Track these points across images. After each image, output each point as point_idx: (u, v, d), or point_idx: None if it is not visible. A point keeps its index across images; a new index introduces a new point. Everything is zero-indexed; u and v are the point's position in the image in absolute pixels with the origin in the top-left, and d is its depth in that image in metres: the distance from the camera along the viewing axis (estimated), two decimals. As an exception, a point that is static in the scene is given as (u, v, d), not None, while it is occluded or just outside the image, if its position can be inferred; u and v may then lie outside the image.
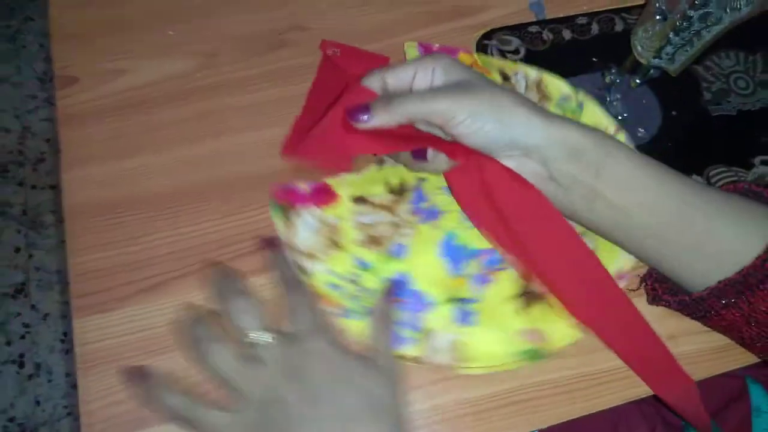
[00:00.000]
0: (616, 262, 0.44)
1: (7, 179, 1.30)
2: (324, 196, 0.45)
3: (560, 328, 0.42)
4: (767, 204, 0.39)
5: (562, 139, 0.38)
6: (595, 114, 0.48)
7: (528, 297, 0.43)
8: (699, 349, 0.44)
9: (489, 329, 0.41)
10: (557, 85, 0.49)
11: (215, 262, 0.43)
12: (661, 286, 0.42)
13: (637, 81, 0.49)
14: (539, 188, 0.40)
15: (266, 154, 0.47)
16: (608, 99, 0.52)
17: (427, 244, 0.44)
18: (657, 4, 0.42)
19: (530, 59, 0.53)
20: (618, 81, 0.51)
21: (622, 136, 0.47)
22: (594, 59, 0.54)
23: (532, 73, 0.49)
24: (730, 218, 0.38)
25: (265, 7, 0.54)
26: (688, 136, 0.51)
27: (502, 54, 0.52)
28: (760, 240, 0.36)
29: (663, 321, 0.43)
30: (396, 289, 0.42)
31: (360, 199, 0.45)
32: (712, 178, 0.49)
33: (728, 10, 0.39)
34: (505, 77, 0.50)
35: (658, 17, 0.43)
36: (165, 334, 0.41)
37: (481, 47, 0.53)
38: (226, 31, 0.52)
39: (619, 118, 0.51)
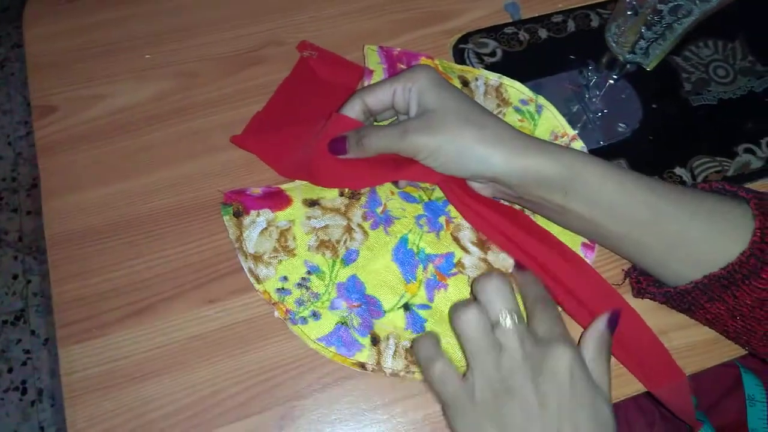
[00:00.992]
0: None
1: (1, 206, 1.31)
2: (277, 199, 0.45)
3: None
4: (741, 202, 0.39)
5: (524, 170, 0.39)
6: (552, 119, 0.48)
7: None
8: (690, 343, 0.43)
9: (441, 335, 0.41)
10: (517, 90, 0.49)
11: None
12: (645, 278, 0.42)
13: (615, 77, 0.48)
14: (510, 204, 0.44)
15: (249, 171, 0.47)
16: (587, 95, 0.51)
17: (380, 250, 0.44)
18: (628, 0, 0.42)
19: (507, 60, 0.52)
20: (596, 77, 0.51)
21: (578, 144, 0.47)
22: (572, 57, 0.54)
23: (492, 78, 0.50)
24: (703, 220, 0.38)
25: (241, 25, 0.54)
26: (670, 128, 0.51)
27: (479, 57, 0.52)
28: (734, 240, 0.37)
29: (653, 315, 0.43)
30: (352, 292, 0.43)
31: (313, 203, 0.45)
32: (695, 169, 0.49)
33: (698, 2, 0.38)
34: (465, 83, 0.50)
35: (629, 13, 0.42)
36: (152, 358, 0.41)
37: (458, 51, 0.53)
38: (203, 50, 0.52)
39: (600, 114, 0.51)
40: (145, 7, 0.54)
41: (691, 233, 0.38)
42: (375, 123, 0.46)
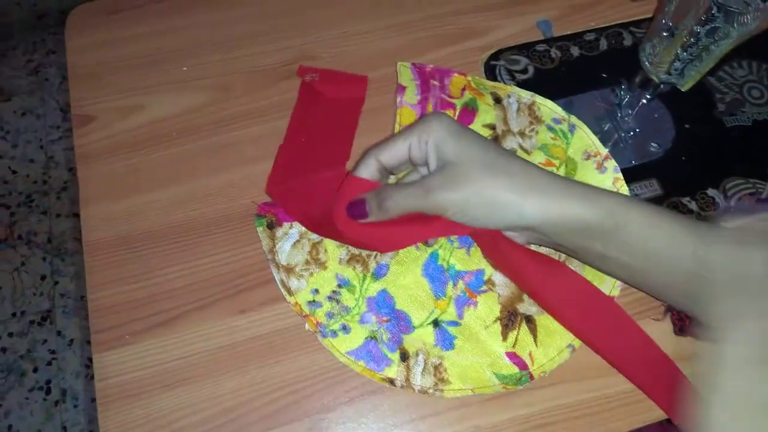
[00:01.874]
0: (604, 287, 0.43)
1: (32, 208, 1.33)
2: None
3: (545, 352, 0.42)
4: None
5: (561, 218, 0.36)
6: (585, 138, 0.48)
7: (510, 320, 0.42)
8: (722, 368, 0.43)
9: (470, 353, 0.41)
10: (549, 108, 0.49)
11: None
12: (688, 317, 0.41)
13: (648, 96, 0.48)
14: (547, 251, 0.42)
15: (279, 183, 0.48)
16: (619, 114, 0.51)
17: (410, 265, 0.44)
18: (663, 21, 0.42)
19: (539, 78, 0.53)
20: (628, 96, 0.50)
21: (611, 164, 0.47)
22: (604, 75, 0.53)
23: (525, 96, 0.50)
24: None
25: (274, 39, 0.54)
26: (703, 148, 0.51)
27: (511, 74, 0.53)
28: None
29: (681, 340, 0.43)
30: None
31: None
32: (729, 190, 0.49)
33: (735, 25, 0.38)
34: (498, 99, 0.50)
35: (665, 33, 0.42)
36: (182, 366, 0.42)
37: (489, 68, 0.53)
38: (238, 64, 0.53)
39: (632, 133, 0.51)
40: (182, 21, 0.56)
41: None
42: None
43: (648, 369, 0.41)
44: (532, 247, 0.45)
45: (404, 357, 0.41)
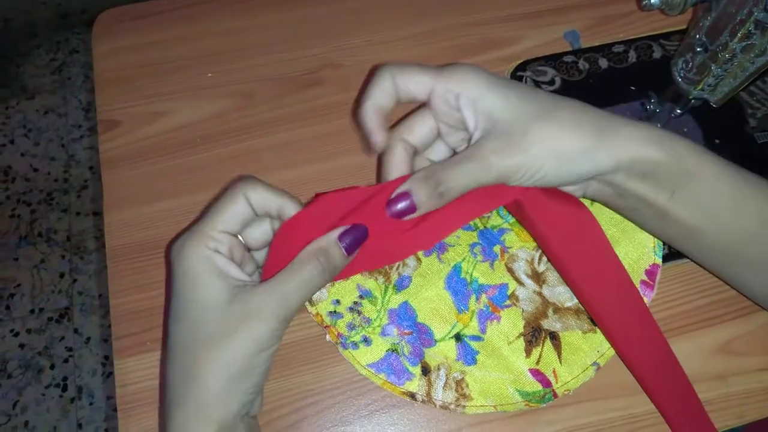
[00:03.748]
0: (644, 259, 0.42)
1: (52, 206, 1.35)
2: None
3: (570, 369, 0.41)
4: None
5: (633, 160, 0.33)
6: None
7: (534, 336, 0.42)
8: (751, 389, 0.42)
9: (493, 369, 0.41)
10: None
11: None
12: None
13: (678, 110, 0.47)
14: (605, 204, 0.38)
15: (303, 192, 0.48)
16: (647, 128, 0.50)
17: (433, 277, 0.43)
18: (697, 36, 0.41)
19: (566, 89, 0.52)
20: (658, 110, 0.50)
21: None
22: (632, 87, 0.53)
23: None
24: None
25: (298, 47, 0.54)
26: (733, 164, 0.50)
27: (537, 85, 0.52)
28: None
29: (712, 359, 0.42)
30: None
31: None
32: (759, 208, 0.48)
33: (773, 42, 0.37)
34: None
35: (698, 49, 0.41)
36: (203, 375, 0.41)
37: (516, 79, 0.52)
38: (262, 71, 0.53)
39: (660, 148, 0.50)
40: (207, 27, 0.56)
41: None
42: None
43: (663, 379, 0.40)
44: None
45: (425, 371, 0.41)
